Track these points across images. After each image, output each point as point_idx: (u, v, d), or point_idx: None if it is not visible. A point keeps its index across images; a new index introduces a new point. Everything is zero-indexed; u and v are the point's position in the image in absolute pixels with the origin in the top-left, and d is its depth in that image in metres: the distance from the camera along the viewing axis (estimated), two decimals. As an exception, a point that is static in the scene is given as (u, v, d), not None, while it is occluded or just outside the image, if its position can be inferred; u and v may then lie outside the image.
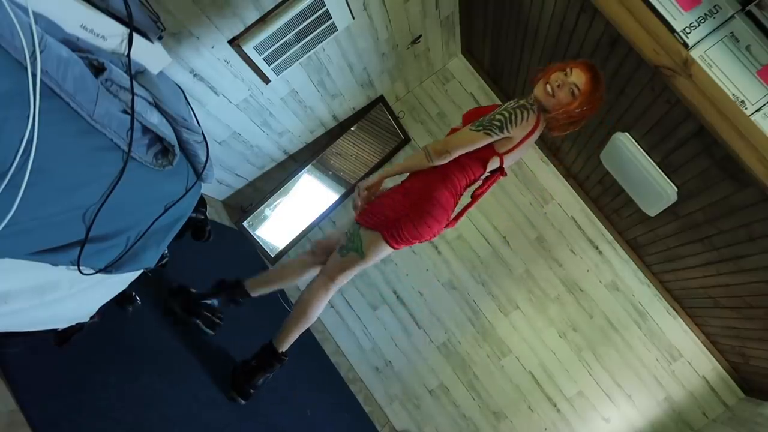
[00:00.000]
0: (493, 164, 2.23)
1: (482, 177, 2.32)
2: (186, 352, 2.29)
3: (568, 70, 2.08)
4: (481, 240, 4.41)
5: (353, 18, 3.12)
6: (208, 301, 2.43)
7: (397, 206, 2.18)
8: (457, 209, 2.34)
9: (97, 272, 1.34)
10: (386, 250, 2.23)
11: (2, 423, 1.29)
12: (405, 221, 2.14)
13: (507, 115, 2.06)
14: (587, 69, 2.07)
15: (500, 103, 4.45)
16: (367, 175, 4.55)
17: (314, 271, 2.51)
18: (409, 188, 2.22)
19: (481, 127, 2.08)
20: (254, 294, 2.50)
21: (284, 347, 2.39)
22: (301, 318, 2.34)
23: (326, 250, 2.47)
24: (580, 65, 2.08)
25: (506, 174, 2.32)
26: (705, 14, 2.21)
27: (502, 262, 4.37)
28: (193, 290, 2.43)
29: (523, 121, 2.07)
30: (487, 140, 2.08)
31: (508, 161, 2.26)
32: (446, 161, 2.13)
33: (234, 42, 2.72)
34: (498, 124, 2.06)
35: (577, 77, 2.06)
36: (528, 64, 3.66)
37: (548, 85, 2.10)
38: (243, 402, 2.34)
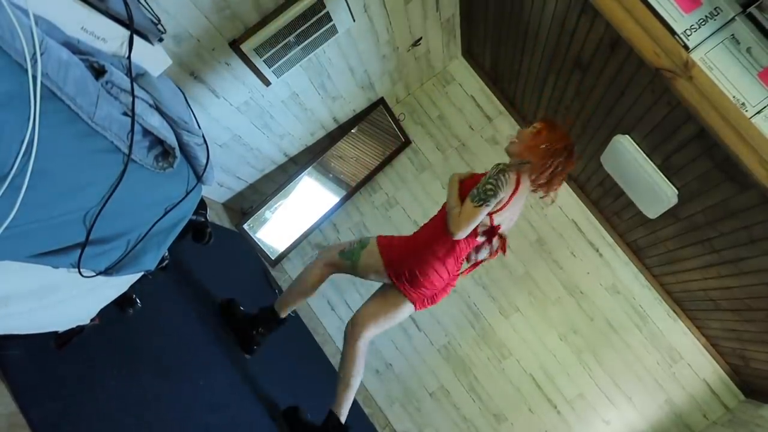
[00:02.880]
0: (484, 222, 2.40)
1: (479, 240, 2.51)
2: (186, 354, 2.28)
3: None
4: (482, 242, 4.40)
5: (354, 20, 3.13)
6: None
7: (407, 243, 2.51)
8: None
9: (97, 275, 1.33)
10: (379, 272, 2.49)
11: (2, 425, 1.29)
12: (407, 259, 2.43)
13: (494, 182, 2.30)
14: (543, 118, 2.53)
15: (503, 107, 4.50)
16: (368, 178, 4.55)
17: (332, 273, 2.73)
18: (422, 234, 2.53)
19: (480, 201, 2.30)
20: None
21: (283, 314, 2.69)
22: (297, 289, 2.68)
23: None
24: (537, 120, 2.51)
25: (499, 231, 2.50)
26: (706, 16, 2.21)
27: (503, 264, 4.37)
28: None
29: (507, 182, 2.31)
30: (488, 210, 2.32)
31: (501, 221, 2.45)
32: (464, 237, 2.36)
33: (235, 44, 2.72)
34: (491, 192, 2.29)
35: (535, 123, 2.44)
36: (529, 65, 3.66)
37: (514, 137, 2.48)
38: (248, 356, 2.67)
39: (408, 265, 2.41)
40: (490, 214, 2.36)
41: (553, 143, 2.36)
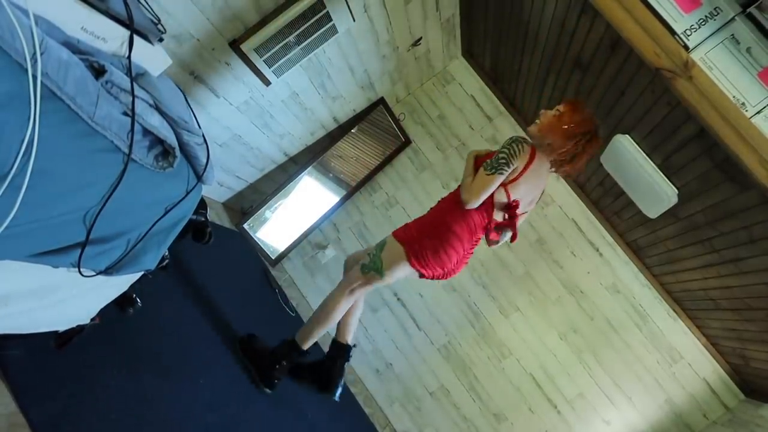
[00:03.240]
0: (500, 196, 2.37)
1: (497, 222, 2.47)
2: (186, 353, 2.29)
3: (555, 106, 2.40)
4: (481, 241, 4.40)
5: (354, 20, 3.13)
6: (279, 375, 2.63)
7: (422, 227, 2.45)
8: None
9: (97, 274, 1.34)
10: (405, 269, 2.44)
11: (2, 425, 1.29)
12: (427, 243, 2.39)
13: (507, 151, 2.29)
14: (568, 100, 2.40)
15: (503, 107, 4.49)
16: (368, 177, 4.55)
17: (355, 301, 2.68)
18: (435, 215, 2.48)
19: (492, 169, 2.28)
20: (306, 347, 2.65)
21: (305, 345, 2.61)
22: (321, 319, 2.58)
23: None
24: (561, 102, 2.40)
25: (518, 208, 2.44)
26: (706, 16, 2.21)
27: (503, 263, 4.37)
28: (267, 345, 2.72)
29: (520, 152, 2.29)
30: (501, 179, 2.30)
31: (517, 197, 2.40)
32: (476, 206, 2.34)
33: (235, 44, 2.72)
34: (504, 161, 2.28)
35: (558, 106, 2.37)
36: (529, 65, 3.66)
37: (536, 119, 2.42)
38: (269, 391, 2.58)
39: (427, 244, 2.38)
40: (504, 187, 2.34)
41: (575, 126, 2.32)
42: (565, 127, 2.32)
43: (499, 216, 2.44)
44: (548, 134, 2.35)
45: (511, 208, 2.41)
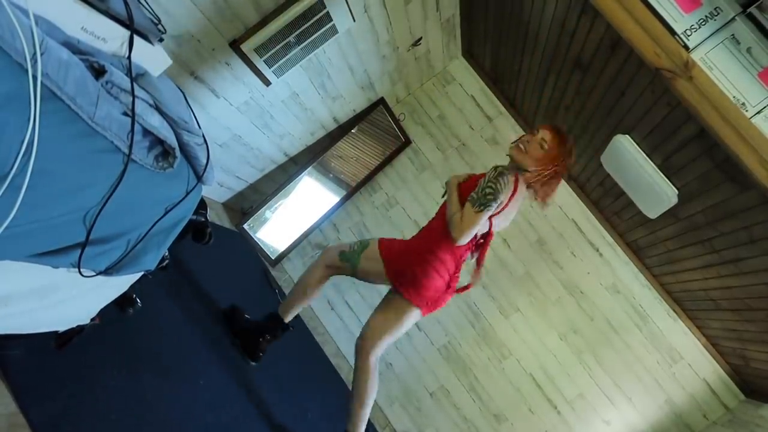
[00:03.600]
0: (483, 227, 2.39)
1: (475, 243, 2.51)
2: (186, 353, 2.29)
3: (535, 131, 2.42)
4: (482, 242, 4.41)
5: (354, 20, 3.13)
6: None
7: (408, 244, 2.54)
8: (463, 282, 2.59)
9: (97, 274, 1.33)
10: (379, 278, 2.50)
11: (2, 425, 1.29)
12: (407, 258, 2.44)
13: (493, 186, 2.29)
14: (551, 128, 2.41)
15: (503, 108, 4.49)
16: (368, 178, 4.55)
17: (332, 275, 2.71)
18: (421, 244, 2.48)
19: (480, 207, 2.28)
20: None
21: (287, 318, 2.69)
22: (298, 292, 2.66)
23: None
24: (544, 126, 2.42)
25: (493, 236, 2.52)
26: (706, 16, 2.21)
27: (503, 264, 4.37)
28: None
29: (505, 185, 2.30)
30: (489, 214, 2.30)
31: (498, 222, 2.45)
32: (466, 242, 2.36)
33: (235, 44, 2.72)
34: (491, 197, 2.28)
35: (543, 134, 2.38)
36: (529, 65, 3.66)
37: (520, 144, 2.42)
38: (254, 364, 2.65)
39: (409, 265, 2.40)
40: (490, 218, 2.36)
41: (560, 156, 2.39)
42: (553, 156, 2.37)
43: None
44: (535, 164, 2.39)
45: (488, 235, 2.47)
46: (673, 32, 2.20)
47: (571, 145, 2.44)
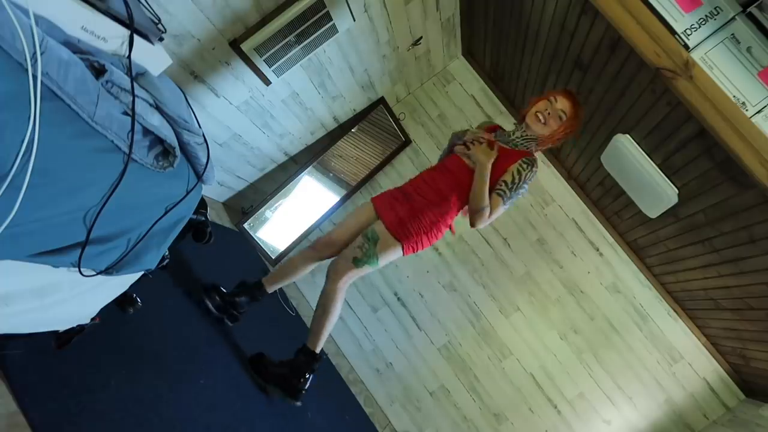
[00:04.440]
0: None
1: None
2: (186, 353, 2.29)
3: (552, 98, 2.41)
4: (482, 242, 4.41)
5: (354, 20, 3.13)
6: (237, 300, 2.71)
7: (420, 225, 2.44)
8: None
9: (97, 274, 1.33)
10: (398, 255, 2.47)
11: (3, 425, 1.29)
12: (424, 239, 2.44)
13: (528, 182, 2.42)
14: (569, 96, 2.42)
15: (504, 107, 4.48)
16: (368, 177, 4.55)
17: (315, 264, 2.74)
18: (434, 201, 2.46)
19: (510, 200, 2.41)
20: (270, 290, 2.74)
21: (318, 348, 2.58)
22: (324, 318, 2.52)
23: (327, 245, 2.64)
24: (561, 93, 2.42)
25: None
26: (706, 16, 2.22)
27: (503, 263, 4.37)
28: (223, 289, 2.73)
29: (534, 175, 2.44)
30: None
31: None
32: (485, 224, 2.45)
33: (235, 44, 2.72)
34: (522, 192, 2.43)
35: (563, 104, 2.39)
36: (529, 65, 3.66)
37: (539, 114, 2.42)
38: (298, 404, 2.57)
39: (418, 231, 2.41)
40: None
41: (577, 125, 2.44)
42: (572, 126, 2.43)
43: None
44: (552, 133, 2.44)
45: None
46: (673, 32, 2.20)
47: (583, 113, 2.49)
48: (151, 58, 1.47)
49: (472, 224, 2.43)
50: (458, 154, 2.51)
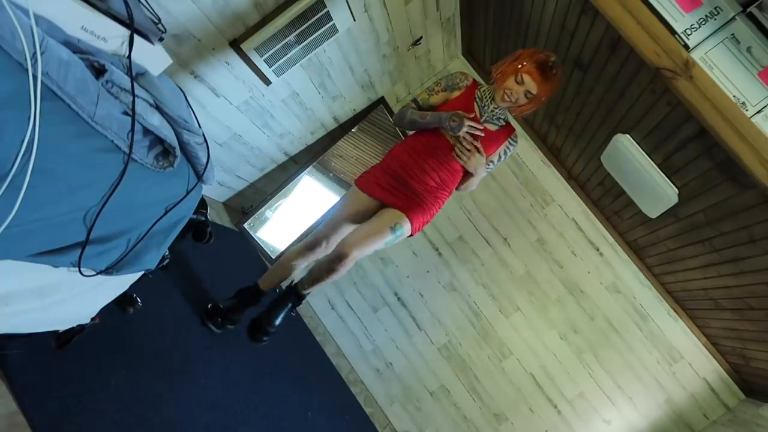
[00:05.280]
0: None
1: None
2: (186, 354, 2.29)
3: (519, 78, 2.32)
4: (482, 241, 4.41)
5: (354, 20, 3.13)
6: (236, 313, 2.70)
7: (426, 203, 2.46)
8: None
9: (98, 274, 1.33)
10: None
11: (3, 425, 1.29)
12: (422, 203, 2.44)
13: (509, 153, 2.62)
14: (538, 72, 2.30)
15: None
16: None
17: (310, 260, 2.67)
18: (440, 174, 2.47)
19: (494, 168, 2.63)
20: (266, 290, 2.71)
21: (307, 290, 2.49)
22: (329, 276, 2.37)
23: (325, 248, 2.60)
24: (529, 69, 2.31)
25: None
26: (706, 16, 2.22)
27: (503, 263, 4.37)
28: (221, 306, 2.69)
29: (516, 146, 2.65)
30: None
31: None
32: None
33: (235, 43, 2.72)
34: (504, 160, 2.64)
35: (530, 84, 2.32)
36: (529, 65, 3.65)
37: (505, 94, 2.38)
38: (266, 339, 2.49)
39: (422, 206, 2.42)
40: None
41: (548, 95, 2.41)
42: (540, 100, 2.40)
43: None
44: (523, 106, 2.44)
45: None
46: (673, 32, 2.20)
47: (559, 73, 2.38)
48: (151, 58, 1.47)
49: (468, 190, 2.65)
50: (448, 139, 2.47)
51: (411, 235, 2.44)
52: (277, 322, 2.45)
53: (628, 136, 2.93)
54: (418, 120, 2.52)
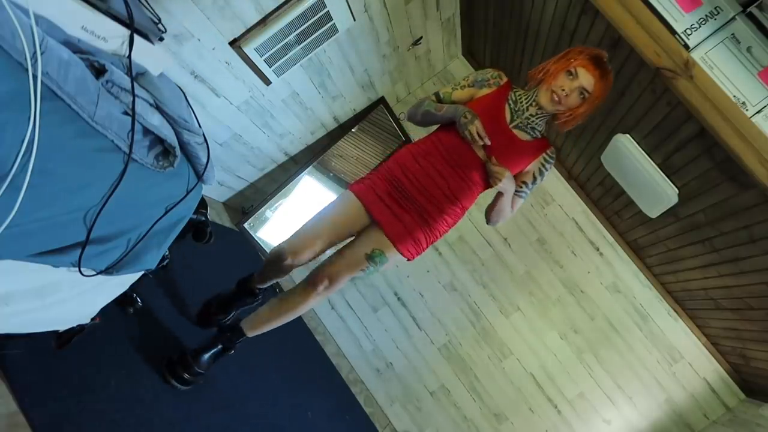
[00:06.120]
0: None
1: None
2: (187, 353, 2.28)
3: (573, 71, 1.97)
4: (482, 241, 4.41)
5: (354, 20, 3.13)
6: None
7: (430, 217, 2.09)
8: None
9: (98, 274, 1.33)
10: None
11: (3, 425, 1.29)
12: (428, 241, 2.12)
13: (545, 173, 2.19)
14: (594, 66, 1.96)
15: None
16: (368, 176, 4.54)
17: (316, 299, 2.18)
18: (441, 205, 2.10)
19: (530, 193, 2.23)
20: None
21: (252, 334, 2.18)
22: (285, 317, 2.15)
23: (304, 258, 2.24)
24: (584, 63, 1.96)
25: None
26: (706, 16, 2.22)
27: (503, 263, 4.37)
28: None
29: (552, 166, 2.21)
30: None
31: None
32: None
33: (235, 43, 2.72)
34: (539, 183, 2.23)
35: (585, 78, 1.96)
36: (529, 65, 3.66)
37: (554, 94, 2.00)
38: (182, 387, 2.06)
39: (428, 243, 2.11)
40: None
41: (603, 98, 2.05)
42: (596, 103, 2.03)
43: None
44: (570, 111, 2.04)
45: None
46: (673, 31, 2.20)
47: (612, 80, 2.03)
48: (152, 57, 1.47)
49: (489, 223, 2.26)
50: (474, 150, 2.08)
51: (409, 260, 2.12)
52: (204, 363, 2.12)
53: (628, 135, 2.93)
54: (433, 112, 2.17)
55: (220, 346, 2.17)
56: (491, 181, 2.06)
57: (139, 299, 2.04)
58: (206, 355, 2.12)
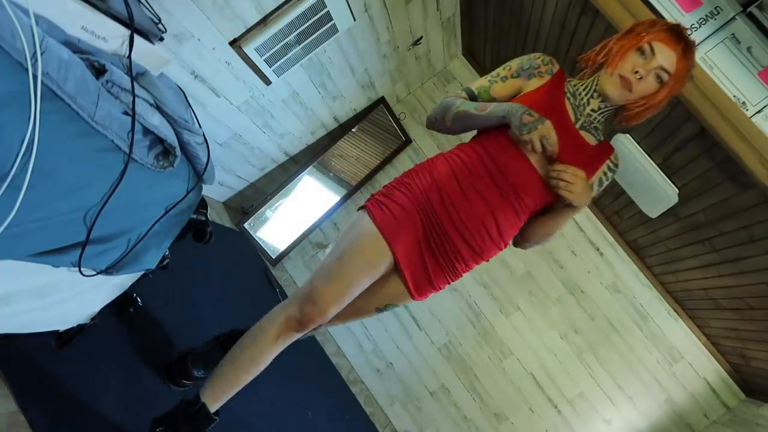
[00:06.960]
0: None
1: None
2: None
3: (647, 47, 1.52)
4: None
5: (354, 20, 3.13)
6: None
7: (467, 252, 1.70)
8: None
9: (98, 274, 1.34)
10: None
11: (3, 425, 1.29)
12: (448, 281, 1.78)
13: (605, 185, 1.76)
14: (675, 39, 1.52)
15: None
16: (369, 177, 4.54)
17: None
18: (481, 244, 1.69)
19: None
20: (214, 408, 1.62)
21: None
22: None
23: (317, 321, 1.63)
24: (662, 36, 1.51)
25: None
26: (706, 16, 2.22)
27: (503, 263, 4.37)
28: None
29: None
30: None
31: None
32: None
33: (235, 43, 2.72)
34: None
35: (664, 57, 1.51)
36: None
37: (623, 79, 1.55)
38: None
39: (447, 282, 1.75)
40: None
41: (684, 83, 1.60)
42: (674, 89, 1.59)
43: None
44: (641, 99, 1.59)
45: None
46: (673, 31, 2.20)
47: (695, 48, 1.58)
48: (152, 57, 1.47)
49: (526, 247, 1.86)
50: (525, 153, 1.59)
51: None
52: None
53: (628, 135, 2.93)
54: (473, 113, 1.65)
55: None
56: (565, 194, 1.53)
57: (139, 299, 2.04)
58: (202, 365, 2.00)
